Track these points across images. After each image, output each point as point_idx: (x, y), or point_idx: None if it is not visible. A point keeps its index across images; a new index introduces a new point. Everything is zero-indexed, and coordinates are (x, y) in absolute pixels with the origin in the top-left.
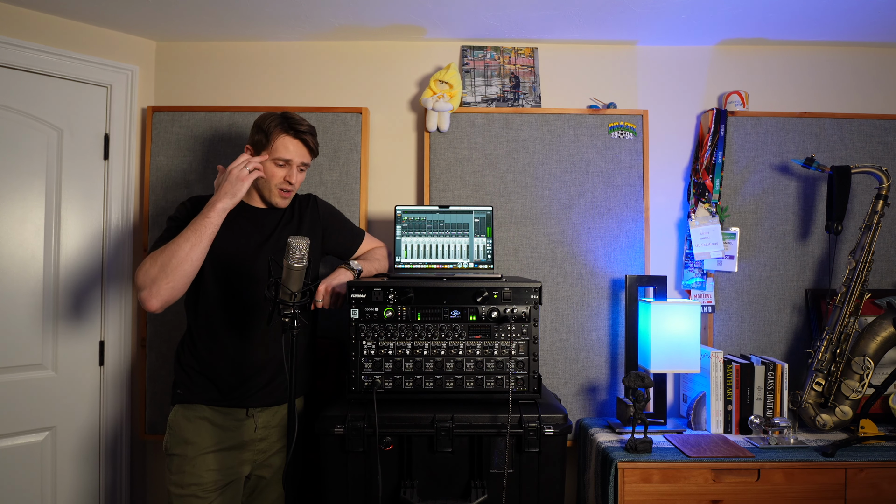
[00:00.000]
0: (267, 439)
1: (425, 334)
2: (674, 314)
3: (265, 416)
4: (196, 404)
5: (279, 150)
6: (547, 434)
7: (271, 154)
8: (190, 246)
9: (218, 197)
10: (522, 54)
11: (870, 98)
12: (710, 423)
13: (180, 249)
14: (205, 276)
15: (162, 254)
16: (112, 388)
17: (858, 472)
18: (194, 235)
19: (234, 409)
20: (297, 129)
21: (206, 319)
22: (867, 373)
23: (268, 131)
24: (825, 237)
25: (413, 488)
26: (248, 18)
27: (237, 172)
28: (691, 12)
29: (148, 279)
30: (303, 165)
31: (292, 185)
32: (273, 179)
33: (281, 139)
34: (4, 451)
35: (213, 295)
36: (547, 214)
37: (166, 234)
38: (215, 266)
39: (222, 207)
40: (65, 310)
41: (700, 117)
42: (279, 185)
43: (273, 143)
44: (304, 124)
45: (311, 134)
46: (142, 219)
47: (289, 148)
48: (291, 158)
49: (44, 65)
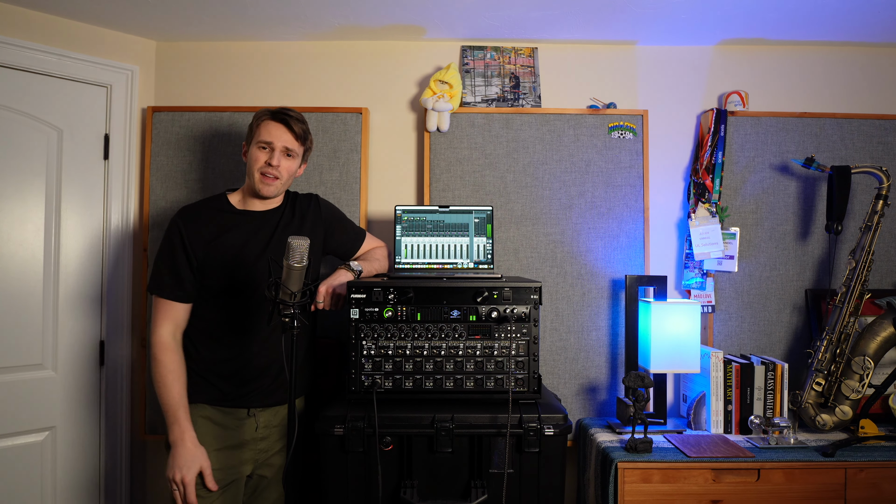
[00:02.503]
0: (268, 439)
1: (425, 334)
2: (674, 314)
3: (266, 416)
4: (197, 403)
5: (261, 133)
6: (547, 434)
7: (255, 138)
8: (160, 398)
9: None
10: (522, 54)
11: (870, 98)
12: (710, 423)
13: (160, 391)
14: (207, 279)
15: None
16: (112, 388)
17: (858, 472)
18: (163, 408)
19: (235, 409)
20: (282, 112)
21: (207, 321)
22: (867, 373)
23: (255, 119)
24: (825, 237)
25: (413, 488)
26: (248, 18)
27: (171, 475)
28: (691, 12)
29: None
30: (288, 151)
31: (275, 170)
32: (256, 164)
33: (264, 123)
34: (4, 451)
35: (215, 297)
36: (547, 214)
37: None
38: (217, 269)
39: (169, 436)
40: (65, 310)
41: (700, 117)
42: (261, 168)
43: (257, 128)
44: (292, 111)
45: (297, 120)
46: (142, 219)
47: (270, 130)
48: (272, 141)
49: (44, 65)
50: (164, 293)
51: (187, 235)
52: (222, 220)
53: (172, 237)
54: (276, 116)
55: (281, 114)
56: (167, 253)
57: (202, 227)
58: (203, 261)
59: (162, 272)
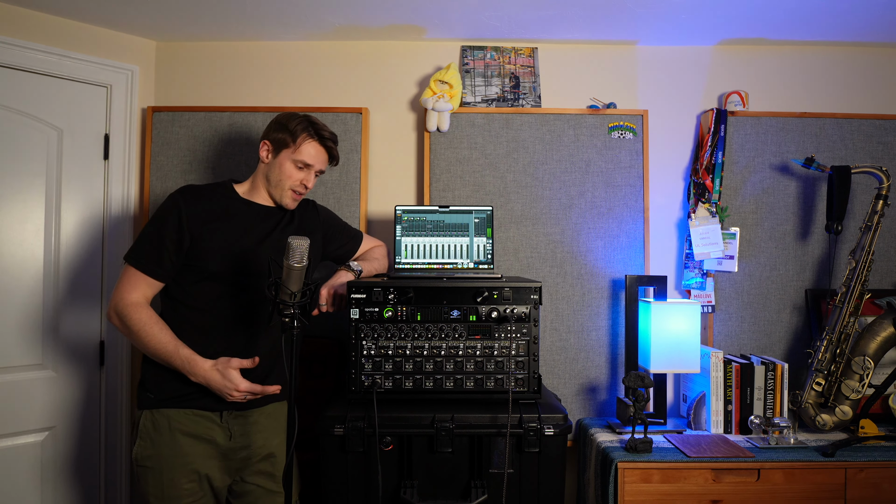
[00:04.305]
0: (249, 447)
1: (425, 334)
2: (674, 314)
3: (240, 425)
4: (168, 409)
5: (303, 154)
6: (547, 434)
7: (294, 155)
8: (153, 354)
9: (206, 377)
10: (522, 54)
11: (870, 98)
12: (710, 423)
13: (147, 347)
14: (199, 261)
15: (139, 334)
16: (112, 388)
17: (858, 472)
18: (162, 356)
19: (208, 413)
20: (323, 135)
21: (195, 311)
22: (867, 373)
23: (294, 133)
24: (825, 237)
25: (413, 488)
26: (248, 18)
27: (231, 394)
28: (691, 12)
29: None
30: (319, 172)
31: (306, 190)
32: (289, 180)
33: (309, 144)
34: (4, 451)
35: (207, 291)
36: (547, 214)
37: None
38: (213, 251)
39: (194, 379)
40: (65, 310)
41: (700, 117)
42: (293, 186)
43: (300, 145)
44: (328, 131)
45: (334, 142)
46: (142, 219)
47: (312, 154)
48: (313, 164)
49: (44, 65)
50: (140, 265)
51: (186, 212)
52: (226, 205)
53: (168, 212)
54: (323, 143)
55: (322, 137)
56: (157, 226)
57: (203, 208)
58: (197, 241)
59: (144, 244)
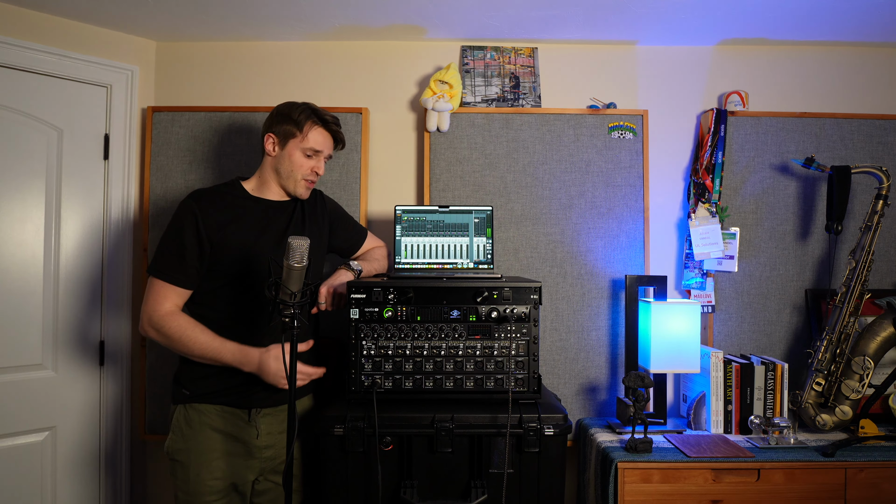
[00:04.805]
0: (275, 446)
1: (425, 334)
2: (674, 314)
3: (267, 422)
4: (201, 404)
5: (311, 141)
6: (547, 434)
7: (302, 144)
8: (200, 356)
9: (260, 363)
10: (522, 54)
11: (870, 98)
12: (710, 423)
13: (192, 350)
14: (219, 265)
15: (180, 340)
16: (112, 388)
17: (858, 472)
18: (209, 355)
19: (237, 411)
20: (326, 120)
21: (217, 311)
22: (867, 373)
23: (299, 122)
24: (825, 237)
25: (413, 488)
26: (248, 18)
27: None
28: (691, 12)
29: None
30: (328, 158)
31: (317, 177)
32: (300, 170)
33: (316, 131)
34: (4, 451)
35: (224, 286)
36: (547, 214)
37: (171, 245)
38: (231, 255)
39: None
40: (65, 310)
41: (700, 117)
42: (305, 175)
43: (307, 133)
44: (330, 115)
45: (338, 125)
46: (142, 219)
47: (320, 140)
48: (322, 150)
49: (44, 65)
50: (166, 276)
51: (202, 218)
52: (237, 204)
53: (184, 219)
54: (328, 127)
55: (330, 124)
56: (175, 234)
57: (217, 211)
58: (217, 246)
59: (165, 254)
